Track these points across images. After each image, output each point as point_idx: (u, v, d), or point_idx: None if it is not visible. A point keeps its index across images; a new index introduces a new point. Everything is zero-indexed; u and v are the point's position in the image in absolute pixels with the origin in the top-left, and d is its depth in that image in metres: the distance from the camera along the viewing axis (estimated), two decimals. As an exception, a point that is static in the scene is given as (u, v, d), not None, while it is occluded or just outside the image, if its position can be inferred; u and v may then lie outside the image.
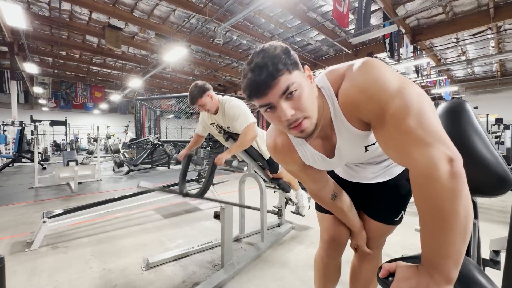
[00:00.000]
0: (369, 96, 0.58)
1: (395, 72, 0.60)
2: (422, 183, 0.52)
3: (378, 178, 0.94)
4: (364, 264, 1.05)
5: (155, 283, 1.65)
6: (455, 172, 0.49)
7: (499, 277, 0.74)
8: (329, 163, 0.80)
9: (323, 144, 0.77)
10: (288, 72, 0.58)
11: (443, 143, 0.51)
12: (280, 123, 0.63)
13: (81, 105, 16.78)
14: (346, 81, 0.64)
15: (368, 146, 0.75)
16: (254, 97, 0.60)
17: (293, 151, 0.81)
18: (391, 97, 0.56)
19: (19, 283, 1.66)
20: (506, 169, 0.62)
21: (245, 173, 2.22)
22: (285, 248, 2.13)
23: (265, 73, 0.57)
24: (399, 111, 0.55)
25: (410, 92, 0.56)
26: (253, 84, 0.58)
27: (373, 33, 5.35)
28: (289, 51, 0.61)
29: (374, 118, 0.60)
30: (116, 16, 6.33)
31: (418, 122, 0.53)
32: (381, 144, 0.63)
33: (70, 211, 2.38)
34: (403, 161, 0.58)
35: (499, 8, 5.58)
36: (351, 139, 0.71)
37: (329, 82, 0.68)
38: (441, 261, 0.51)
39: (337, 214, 0.97)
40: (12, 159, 7.35)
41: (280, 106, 0.60)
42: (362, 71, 0.60)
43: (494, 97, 12.52)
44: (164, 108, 12.21)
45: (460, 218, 0.49)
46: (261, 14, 6.31)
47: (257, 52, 0.61)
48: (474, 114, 0.70)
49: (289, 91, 0.58)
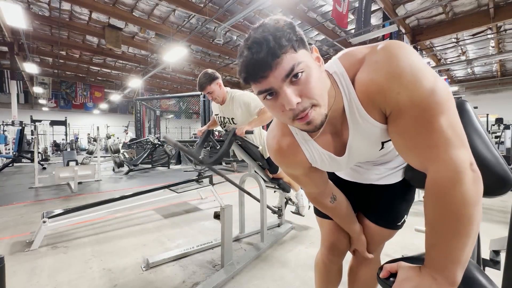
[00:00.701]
0: (402, 84, 0.49)
1: (424, 61, 0.54)
2: (447, 186, 0.49)
3: (383, 180, 0.87)
4: (363, 267, 1.01)
5: (155, 283, 1.64)
6: (477, 177, 0.48)
7: (499, 277, 0.74)
8: (338, 162, 0.71)
9: (332, 141, 0.68)
10: (293, 50, 0.48)
11: (467, 147, 0.50)
12: (283, 114, 0.52)
13: (81, 105, 16.78)
14: (367, 66, 0.54)
15: (385, 142, 0.66)
16: (252, 80, 0.50)
17: (299, 152, 0.71)
18: (427, 90, 0.49)
19: (19, 283, 1.66)
20: (506, 169, 0.62)
21: (245, 173, 2.22)
22: (285, 248, 2.13)
23: (265, 50, 0.46)
24: (435, 106, 0.49)
25: (444, 88, 0.51)
26: (250, 64, 0.48)
27: (373, 33, 5.35)
28: (294, 26, 0.51)
29: (399, 111, 0.52)
30: (116, 16, 6.33)
31: (450, 122, 0.49)
32: (397, 142, 0.57)
33: (70, 211, 2.38)
34: (424, 162, 0.53)
35: (499, 8, 5.58)
36: (368, 134, 0.62)
37: (344, 67, 0.58)
38: (449, 265, 0.50)
39: (335, 219, 0.92)
40: (12, 159, 7.35)
41: (284, 91, 0.49)
42: (391, 54, 0.51)
43: (494, 97, 12.53)
44: (164, 108, 12.19)
45: (475, 224, 0.48)
46: (261, 14, 6.31)
47: (256, 27, 0.50)
48: (475, 114, 0.70)
49: (294, 73, 0.48)
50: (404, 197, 0.89)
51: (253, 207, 2.47)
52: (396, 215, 0.89)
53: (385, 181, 0.87)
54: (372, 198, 0.92)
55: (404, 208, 0.90)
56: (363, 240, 0.93)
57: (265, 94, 0.51)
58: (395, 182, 0.87)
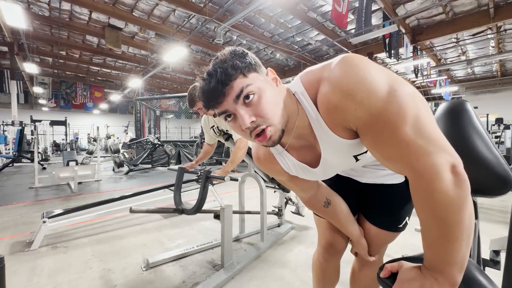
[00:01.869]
0: (357, 101, 0.50)
1: (381, 68, 0.53)
2: (425, 195, 0.49)
3: (383, 178, 0.86)
4: (365, 269, 0.99)
5: (155, 283, 1.64)
6: (459, 180, 0.47)
7: (499, 277, 0.74)
8: (313, 173, 0.72)
9: (306, 154, 0.70)
10: (243, 75, 0.53)
11: (444, 150, 0.48)
12: (244, 132, 0.57)
13: (81, 105, 16.78)
14: (324, 84, 0.55)
15: (359, 155, 0.67)
16: (210, 106, 0.56)
17: (275, 162, 0.75)
18: (383, 102, 0.49)
19: (19, 283, 1.66)
20: (507, 169, 0.62)
21: (245, 173, 2.22)
22: (285, 248, 2.13)
23: (215, 80, 0.53)
24: (394, 118, 0.48)
25: (403, 93, 0.49)
26: (205, 93, 0.55)
27: (373, 33, 5.35)
28: (243, 53, 0.56)
29: (364, 126, 0.53)
30: (116, 16, 6.32)
31: (416, 130, 0.48)
32: (373, 154, 0.57)
33: (70, 211, 2.38)
34: (401, 171, 0.54)
35: (499, 8, 5.58)
36: (337, 149, 0.63)
37: (303, 86, 0.60)
38: (446, 267, 0.50)
39: (332, 222, 0.91)
40: (12, 159, 7.35)
41: (238, 113, 0.54)
42: (343, 71, 0.52)
43: (494, 97, 12.54)
44: (164, 108, 12.20)
45: (465, 226, 0.47)
46: (261, 14, 6.31)
47: (212, 60, 0.57)
48: (475, 114, 0.70)
49: (243, 94, 0.53)
50: (406, 199, 0.86)
51: (253, 207, 2.47)
52: (397, 217, 0.87)
53: (387, 180, 0.86)
54: (373, 199, 0.90)
55: (406, 210, 0.87)
56: (364, 243, 0.91)
57: (224, 115, 0.57)
58: (397, 182, 0.85)
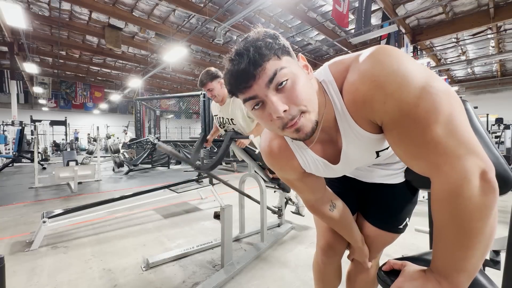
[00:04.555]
0: (387, 93, 0.46)
1: (417, 62, 0.48)
2: (450, 200, 0.46)
3: (385, 178, 0.83)
4: (361, 273, 0.97)
5: (155, 283, 1.64)
6: (488, 187, 0.44)
7: (499, 277, 0.74)
8: (333, 170, 0.68)
9: (327, 149, 0.66)
10: (276, 57, 0.48)
11: (476, 154, 0.44)
12: (272, 123, 0.51)
13: (81, 105, 16.77)
14: (352, 73, 0.51)
15: (380, 152, 0.64)
16: (237, 91, 0.50)
17: (292, 157, 0.69)
18: (416, 97, 0.45)
19: (19, 283, 1.66)
20: (507, 169, 0.62)
21: (245, 173, 2.22)
22: (285, 248, 2.13)
23: (246, 60, 0.47)
24: (426, 115, 0.45)
25: (438, 90, 0.45)
26: (233, 75, 0.49)
27: (373, 33, 5.35)
28: (276, 35, 0.51)
29: (390, 121, 0.49)
30: (116, 16, 6.33)
31: (449, 130, 0.44)
32: (396, 150, 0.53)
33: (70, 211, 2.38)
34: (425, 172, 0.50)
35: (499, 8, 5.59)
36: (360, 143, 0.59)
37: (332, 75, 0.56)
38: (453, 273, 0.48)
39: (336, 228, 0.87)
40: (12, 159, 7.35)
41: (270, 99, 0.48)
42: (376, 61, 0.48)
43: (494, 97, 12.53)
44: (164, 108, 12.19)
45: (485, 235, 0.45)
46: (261, 14, 6.31)
47: (239, 42, 0.51)
48: (475, 114, 0.70)
49: (277, 79, 0.48)
50: (407, 199, 0.85)
51: (253, 207, 2.47)
52: (397, 218, 0.86)
53: (388, 180, 0.83)
54: (373, 199, 0.89)
55: (406, 211, 0.86)
56: (366, 250, 0.89)
57: (251, 102, 0.51)
58: (398, 182, 0.84)
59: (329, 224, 0.87)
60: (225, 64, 0.51)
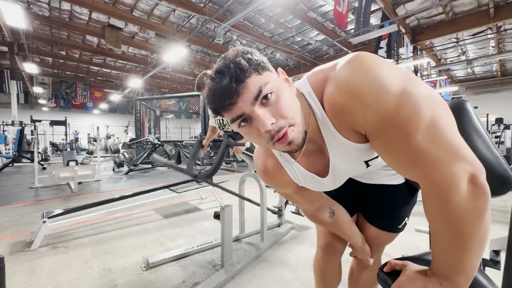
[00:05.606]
0: (365, 103, 0.45)
1: (395, 68, 0.48)
2: (439, 204, 0.46)
3: (387, 179, 0.84)
4: (363, 270, 0.99)
5: (155, 283, 1.64)
6: (478, 191, 0.43)
7: (499, 277, 0.74)
8: (322, 184, 0.68)
9: (315, 161, 0.65)
10: (257, 72, 0.48)
11: (462, 158, 0.44)
12: (261, 138, 0.50)
13: (81, 105, 16.79)
14: (330, 83, 0.51)
15: (370, 161, 0.63)
16: (221, 109, 0.49)
17: (284, 173, 0.69)
18: (395, 105, 0.44)
19: (19, 283, 1.66)
20: (507, 169, 0.62)
21: (245, 173, 2.22)
22: (285, 248, 2.13)
23: (228, 77, 0.46)
24: (407, 123, 0.44)
25: (418, 95, 0.45)
26: (216, 92, 0.48)
27: (373, 33, 5.34)
28: (253, 51, 0.52)
29: (373, 131, 0.49)
30: (116, 16, 6.33)
31: (431, 137, 0.44)
32: (384, 159, 0.53)
33: (70, 211, 2.38)
34: (414, 179, 0.50)
35: (499, 8, 5.59)
36: (347, 154, 0.58)
37: (311, 86, 0.56)
38: (453, 275, 0.49)
39: (337, 233, 0.88)
40: (12, 159, 7.35)
41: (256, 114, 0.48)
42: (351, 70, 0.47)
43: (494, 97, 12.54)
44: (164, 108, 12.19)
45: (479, 238, 0.45)
46: (261, 14, 6.31)
47: (217, 61, 0.51)
48: (475, 114, 0.70)
49: (263, 94, 0.47)
50: (406, 199, 0.86)
51: (253, 207, 2.47)
52: (397, 218, 0.87)
53: (388, 181, 0.84)
54: (373, 200, 0.90)
55: (406, 211, 0.87)
56: (367, 250, 0.90)
57: (239, 121, 0.50)
58: (398, 183, 0.84)
59: (330, 229, 0.88)
60: (207, 84, 0.50)
